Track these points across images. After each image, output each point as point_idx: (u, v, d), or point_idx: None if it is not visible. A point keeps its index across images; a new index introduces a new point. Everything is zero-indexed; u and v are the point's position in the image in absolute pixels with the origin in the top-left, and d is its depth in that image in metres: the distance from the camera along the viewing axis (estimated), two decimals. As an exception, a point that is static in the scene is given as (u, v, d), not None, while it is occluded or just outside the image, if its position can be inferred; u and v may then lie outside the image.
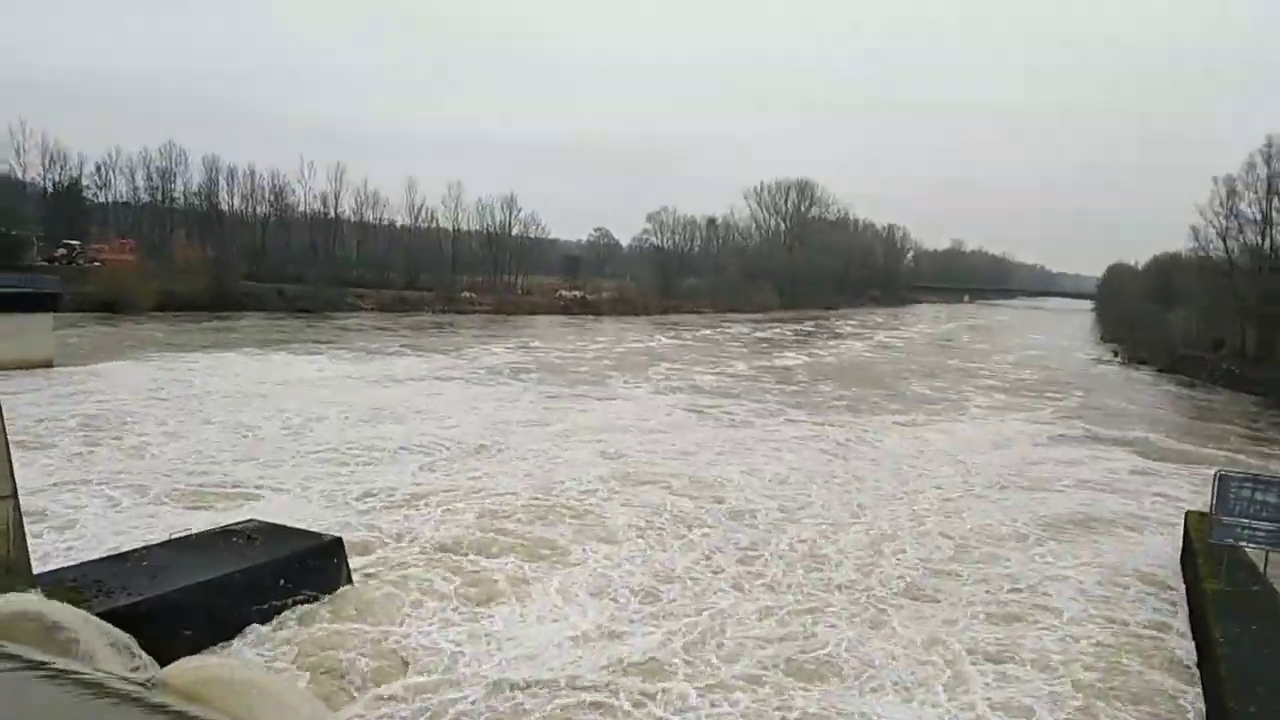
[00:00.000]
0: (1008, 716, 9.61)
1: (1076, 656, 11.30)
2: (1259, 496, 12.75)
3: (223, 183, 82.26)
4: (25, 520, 13.75)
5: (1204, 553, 13.34)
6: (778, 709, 9.47)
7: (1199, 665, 10.87)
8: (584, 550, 14.39)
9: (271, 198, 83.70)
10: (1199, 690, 10.32)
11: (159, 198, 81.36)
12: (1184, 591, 13.72)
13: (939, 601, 13.07)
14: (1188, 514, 15.96)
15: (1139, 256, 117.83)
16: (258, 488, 16.86)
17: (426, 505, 16.14)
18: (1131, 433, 30.89)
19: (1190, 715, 9.77)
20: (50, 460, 17.96)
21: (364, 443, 21.23)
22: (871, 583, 13.77)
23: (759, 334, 68.75)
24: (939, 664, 10.80)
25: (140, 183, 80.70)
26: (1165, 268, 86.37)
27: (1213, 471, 13.67)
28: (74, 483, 16.38)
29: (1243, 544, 12.92)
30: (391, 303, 70.73)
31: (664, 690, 9.67)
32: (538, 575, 13.02)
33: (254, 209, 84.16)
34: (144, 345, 38.80)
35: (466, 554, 13.68)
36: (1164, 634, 12.16)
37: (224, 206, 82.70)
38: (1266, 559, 13.10)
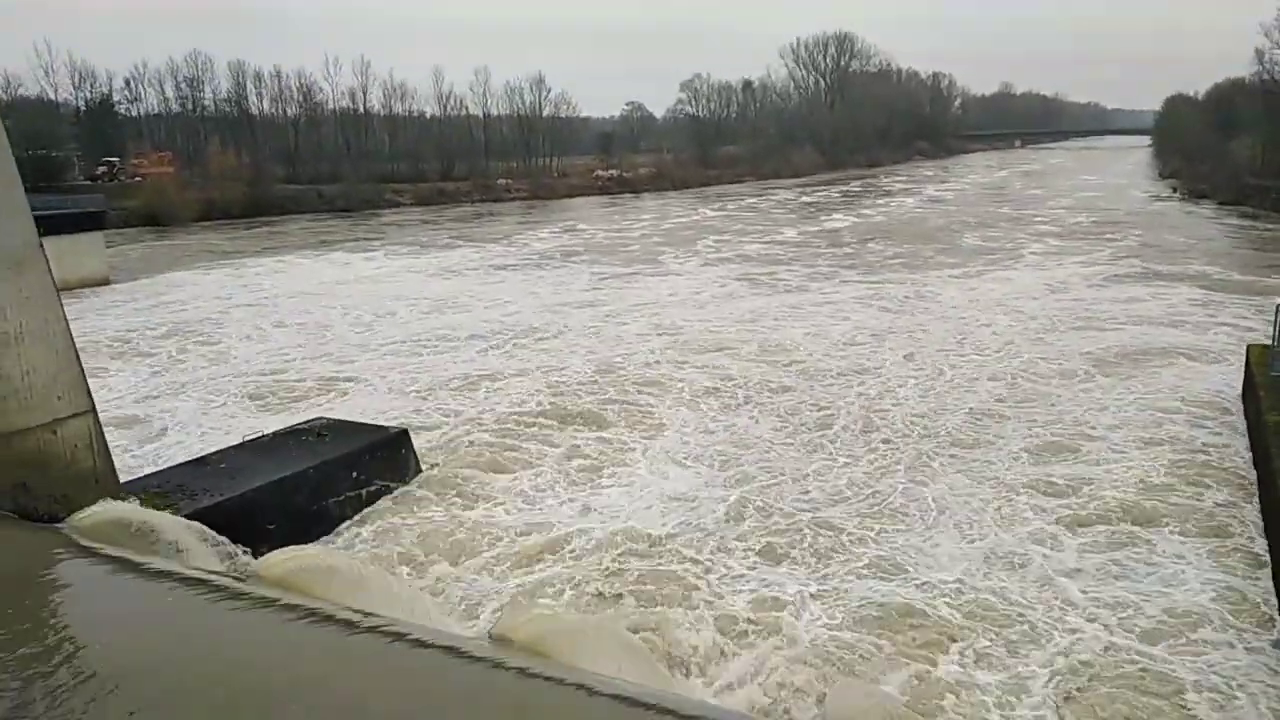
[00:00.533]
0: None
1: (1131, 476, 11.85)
2: (1323, 326, 12.47)
3: (250, 87, 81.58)
4: (128, 428, 14.71)
5: (1265, 385, 13.15)
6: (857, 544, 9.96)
7: (1260, 497, 10.87)
8: (664, 417, 15.02)
9: (300, 98, 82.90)
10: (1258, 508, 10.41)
11: (189, 107, 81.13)
12: (1245, 426, 13.63)
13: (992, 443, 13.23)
14: (1249, 347, 15.65)
15: (1200, 87, 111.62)
16: (346, 380, 17.87)
17: (498, 387, 16.87)
18: (1191, 268, 30.36)
19: (1256, 546, 9.83)
20: (145, 369, 19.14)
21: (433, 333, 22.22)
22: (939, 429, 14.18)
23: (805, 198, 67.52)
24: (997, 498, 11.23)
25: (170, 93, 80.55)
26: (1227, 95, 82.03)
27: (1276, 303, 13.34)
28: (170, 389, 17.48)
29: (1307, 375, 12.71)
30: (429, 195, 70.55)
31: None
32: (618, 445, 13.56)
33: (284, 111, 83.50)
34: (202, 254, 40.00)
35: (536, 428, 14.29)
36: (1224, 457, 12.21)
37: (254, 111, 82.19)
38: (1330, 389, 12.91)
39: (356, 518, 10.70)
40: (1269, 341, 13.32)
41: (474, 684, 4.93)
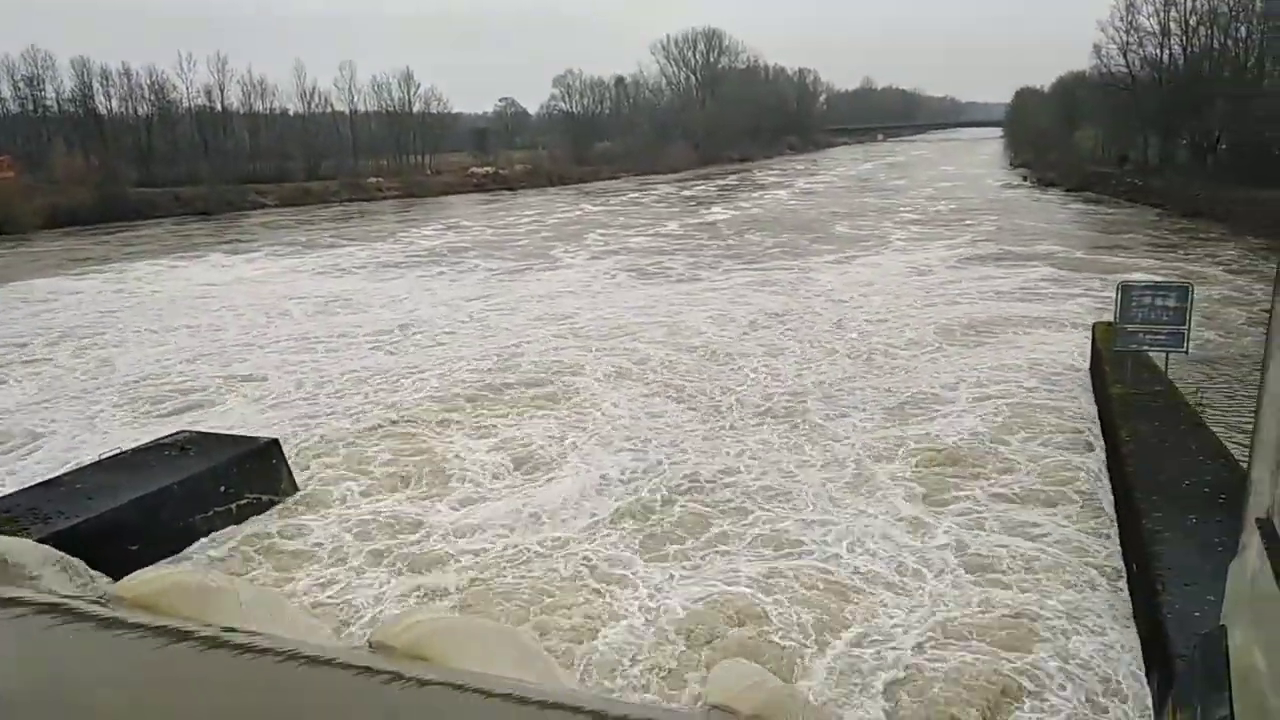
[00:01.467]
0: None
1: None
2: (1159, 302, 13.44)
3: (97, 85, 76.72)
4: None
5: (1110, 360, 14.10)
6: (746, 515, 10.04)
7: (1107, 462, 11.64)
8: (576, 403, 15.23)
9: (152, 96, 78.57)
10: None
11: (29, 107, 75.82)
12: (1092, 397, 14.57)
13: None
14: (1095, 325, 16.75)
15: (1046, 80, 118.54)
16: (242, 380, 17.32)
17: (395, 383, 16.62)
18: (1041, 248, 32.94)
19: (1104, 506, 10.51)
20: (16, 383, 17.82)
21: (330, 331, 21.68)
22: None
23: (684, 192, 68.48)
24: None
25: (6, 92, 75.10)
26: (1070, 88, 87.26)
27: (1118, 282, 14.28)
28: (49, 400, 16.41)
29: (1145, 349, 13.67)
30: (295, 195, 68.02)
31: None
32: (521, 440, 13.33)
33: (135, 110, 78.98)
34: (62, 262, 37.38)
35: (431, 424, 14.11)
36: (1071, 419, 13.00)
37: (102, 110, 77.48)
38: (1167, 360, 13.94)
39: (225, 533, 10.24)
40: (1113, 319, 14.23)
41: (349, 692, 4.80)
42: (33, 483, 10.59)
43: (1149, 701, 6.66)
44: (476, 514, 10.79)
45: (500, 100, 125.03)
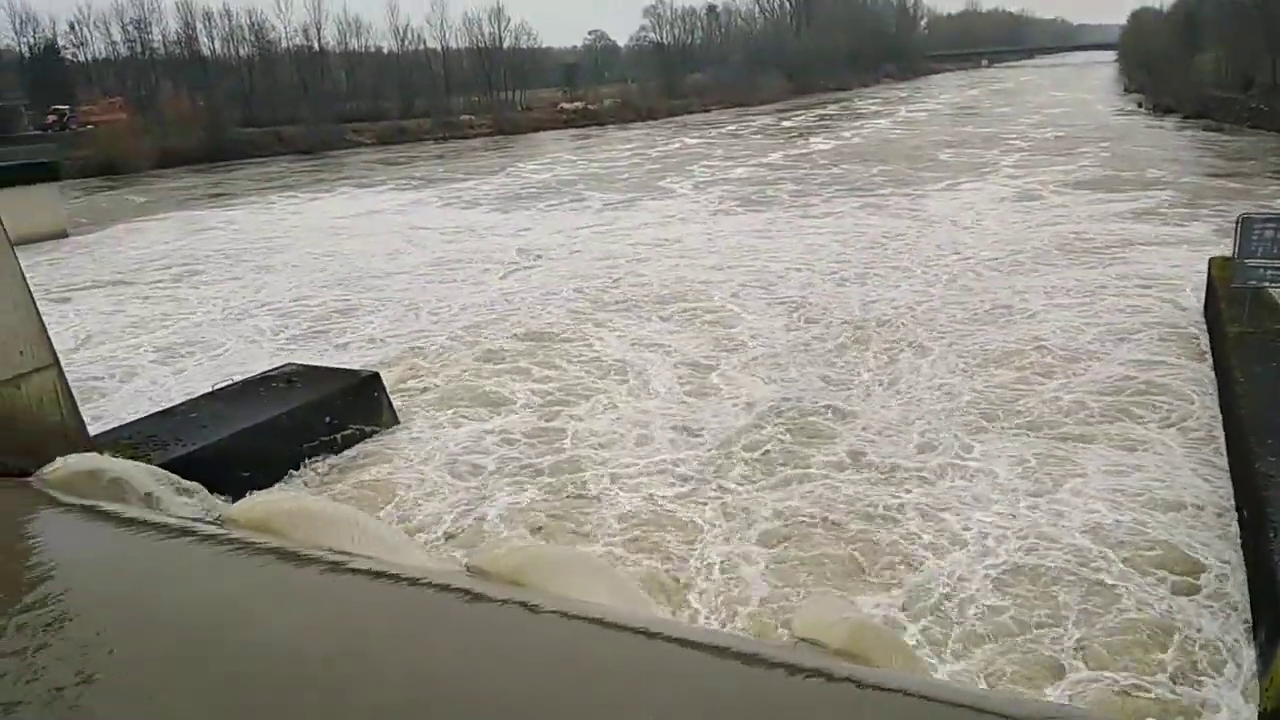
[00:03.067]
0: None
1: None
2: (1281, 236, 12.63)
3: (200, 27, 79.14)
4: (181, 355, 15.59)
5: (1227, 296, 13.37)
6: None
7: (1220, 405, 11.14)
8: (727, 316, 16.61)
9: (252, 37, 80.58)
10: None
11: (138, 50, 78.60)
12: (1207, 339, 13.90)
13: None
14: (1211, 260, 15.86)
15: (1165, 0, 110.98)
16: (384, 302, 19.24)
17: (513, 311, 17.75)
18: (1152, 177, 31.25)
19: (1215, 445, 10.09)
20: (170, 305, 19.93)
21: (467, 258, 23.64)
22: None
23: (784, 123, 67.78)
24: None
25: (117, 36, 77.98)
26: (1192, 7, 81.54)
27: (1238, 215, 13.47)
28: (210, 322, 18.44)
29: (1265, 285, 12.91)
30: (390, 134, 69.16)
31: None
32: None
33: (236, 51, 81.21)
34: (183, 199, 40.17)
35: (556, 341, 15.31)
36: (1183, 374, 12.43)
37: (205, 52, 79.79)
38: (1289, 298, 13.15)
39: (331, 462, 10.70)
40: (1228, 254, 13.46)
41: (450, 612, 5.02)
42: (149, 412, 11.20)
43: (1253, 654, 6.44)
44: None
45: (589, 33, 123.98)
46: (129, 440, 9.67)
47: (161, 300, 20.48)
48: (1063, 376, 12.71)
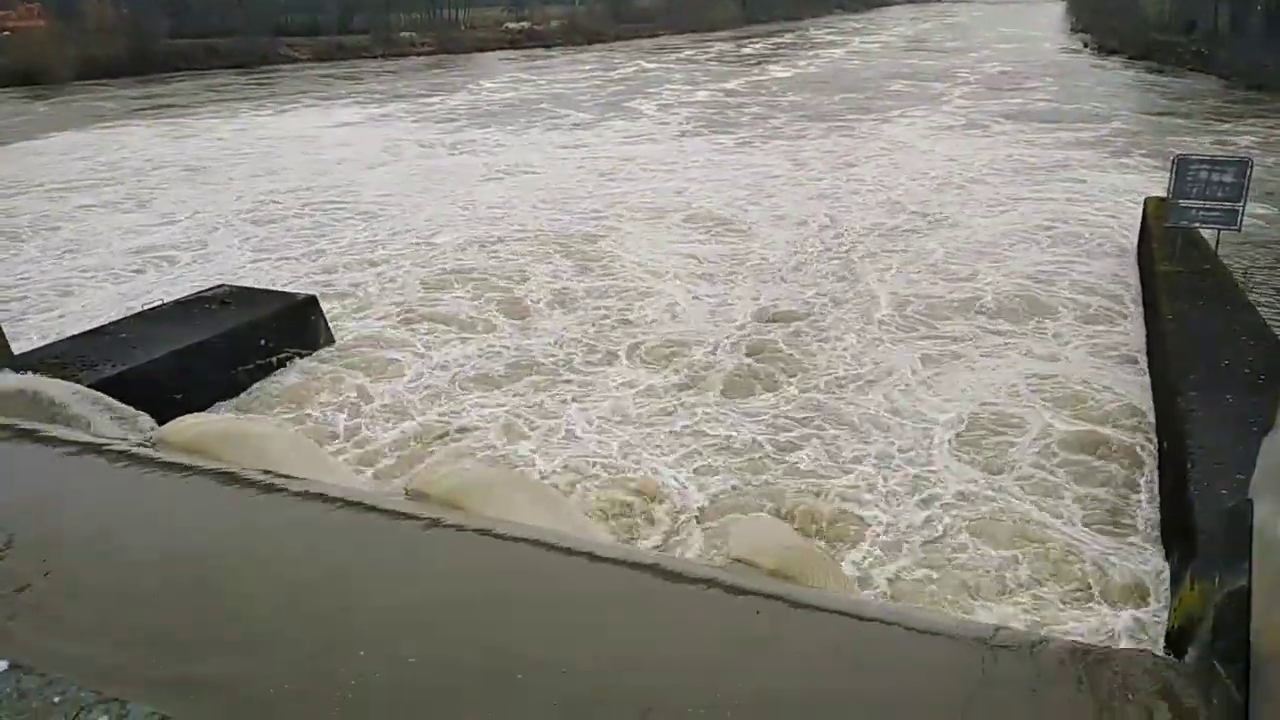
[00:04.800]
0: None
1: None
2: (1215, 178, 12.90)
3: (125, -73, 74.59)
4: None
5: (1159, 236, 13.71)
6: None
7: (1146, 341, 11.49)
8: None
9: (181, -59, 76.28)
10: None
11: (57, -48, 74.00)
12: (1138, 276, 14.26)
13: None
14: (1146, 199, 16.21)
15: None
16: (368, 216, 19.50)
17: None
18: (1092, 117, 32.09)
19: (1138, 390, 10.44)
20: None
21: (452, 172, 24.32)
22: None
23: (742, 50, 67.89)
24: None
25: (33, -65, 73.13)
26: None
27: (1172, 157, 13.73)
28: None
29: (1196, 225, 13.24)
30: (329, 50, 66.62)
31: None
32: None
33: (164, -44, 76.82)
34: (127, 111, 38.36)
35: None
36: (1115, 319, 12.79)
37: (131, -44, 75.42)
38: (1218, 239, 13.51)
39: (264, 385, 10.51)
40: (1165, 194, 13.75)
41: (387, 534, 5.00)
42: (76, 332, 10.84)
43: (1166, 578, 6.76)
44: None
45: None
46: (56, 359, 9.35)
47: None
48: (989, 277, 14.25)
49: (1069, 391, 10.05)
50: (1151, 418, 9.43)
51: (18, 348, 9.90)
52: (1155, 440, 8.97)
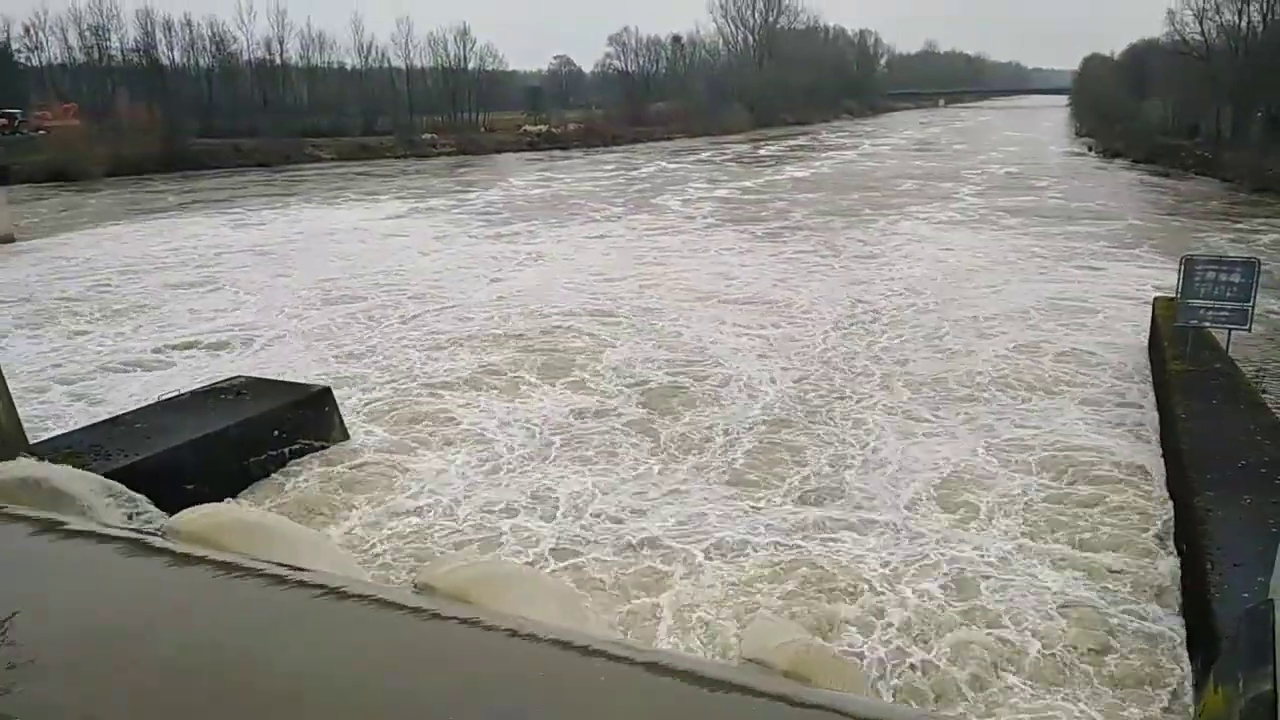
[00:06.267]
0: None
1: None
2: (1223, 278, 13.03)
3: (160, 35, 78.15)
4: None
5: (1169, 335, 13.75)
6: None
7: (1161, 441, 11.41)
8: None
9: (213, 48, 79.80)
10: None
11: (95, 56, 77.32)
12: (1150, 376, 14.24)
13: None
14: (1155, 299, 16.33)
15: (1115, 47, 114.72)
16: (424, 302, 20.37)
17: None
18: (1101, 215, 33.38)
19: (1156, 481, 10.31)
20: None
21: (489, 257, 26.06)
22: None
23: (759, 152, 70.52)
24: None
25: (74, 41, 76.70)
26: (1141, 56, 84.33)
27: (1181, 256, 13.88)
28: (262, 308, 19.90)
29: (1206, 325, 13.30)
30: (352, 150, 68.74)
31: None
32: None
33: (196, 61, 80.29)
34: (146, 209, 39.21)
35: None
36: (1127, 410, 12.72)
37: (164, 61, 78.76)
38: (1229, 338, 13.55)
39: (278, 476, 10.52)
40: (1174, 294, 13.85)
41: (398, 629, 4.94)
42: (93, 421, 10.94)
43: (1189, 684, 6.56)
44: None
45: (555, 58, 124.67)
46: (70, 449, 9.41)
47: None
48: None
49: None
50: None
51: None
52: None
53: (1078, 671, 6.67)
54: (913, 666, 6.70)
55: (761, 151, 70.68)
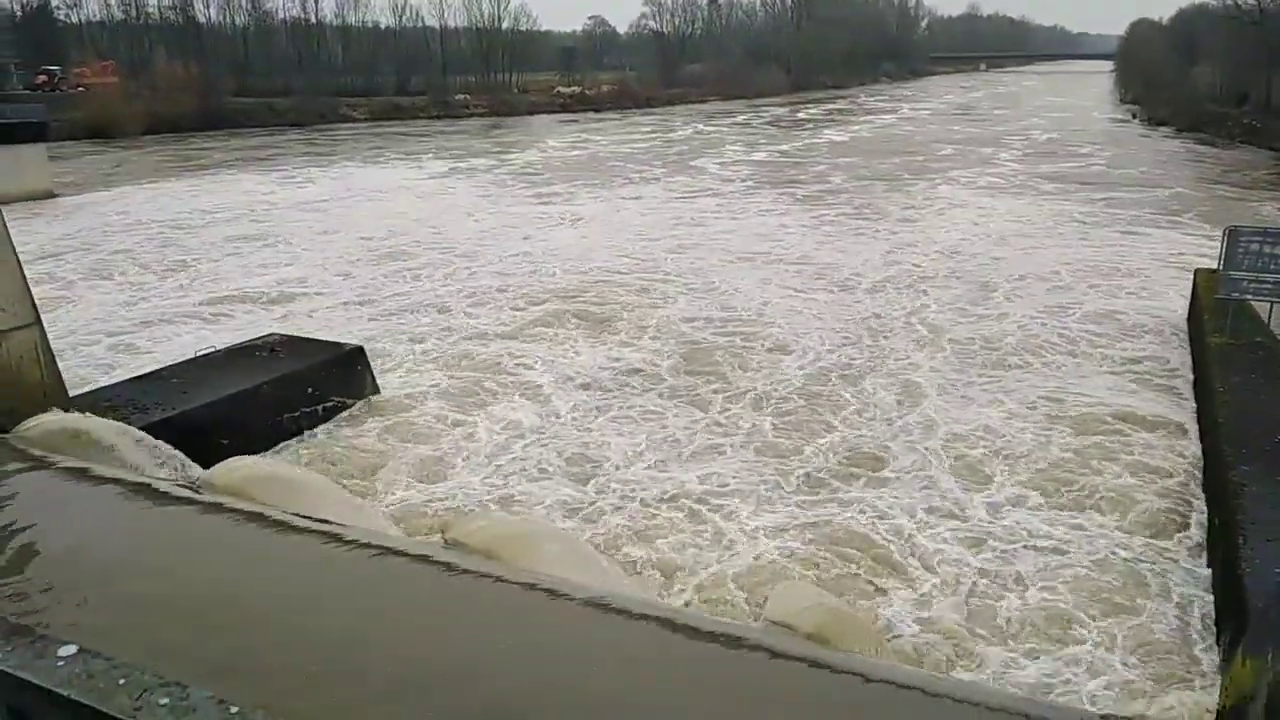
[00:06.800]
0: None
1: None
2: (1267, 250, 12.70)
3: (196, -8, 78.23)
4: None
5: (1210, 308, 13.48)
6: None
7: (1198, 415, 11.24)
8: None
9: (249, 6, 79.86)
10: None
11: (133, 14, 77.74)
12: (1189, 349, 13.99)
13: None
14: (1196, 271, 15.99)
15: (1165, 12, 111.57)
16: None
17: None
18: (1144, 184, 32.82)
19: (1187, 457, 10.18)
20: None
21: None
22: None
23: (797, 115, 69.93)
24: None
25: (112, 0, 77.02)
26: (1191, 20, 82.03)
27: (1224, 228, 13.56)
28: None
29: (1248, 298, 13.01)
30: (385, 110, 68.74)
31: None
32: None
33: (232, 19, 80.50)
34: (188, 165, 39.66)
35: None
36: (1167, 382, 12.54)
37: (201, 19, 79.02)
38: (1271, 311, 13.24)
39: (311, 433, 10.66)
40: (1217, 265, 13.56)
41: (427, 582, 5.04)
42: (132, 375, 11.13)
43: (1216, 656, 6.52)
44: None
45: (589, 19, 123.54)
46: (109, 402, 9.59)
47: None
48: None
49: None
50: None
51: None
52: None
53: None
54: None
55: (799, 115, 69.95)
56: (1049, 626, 6.88)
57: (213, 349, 12.18)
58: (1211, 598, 7.27)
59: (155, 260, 20.37)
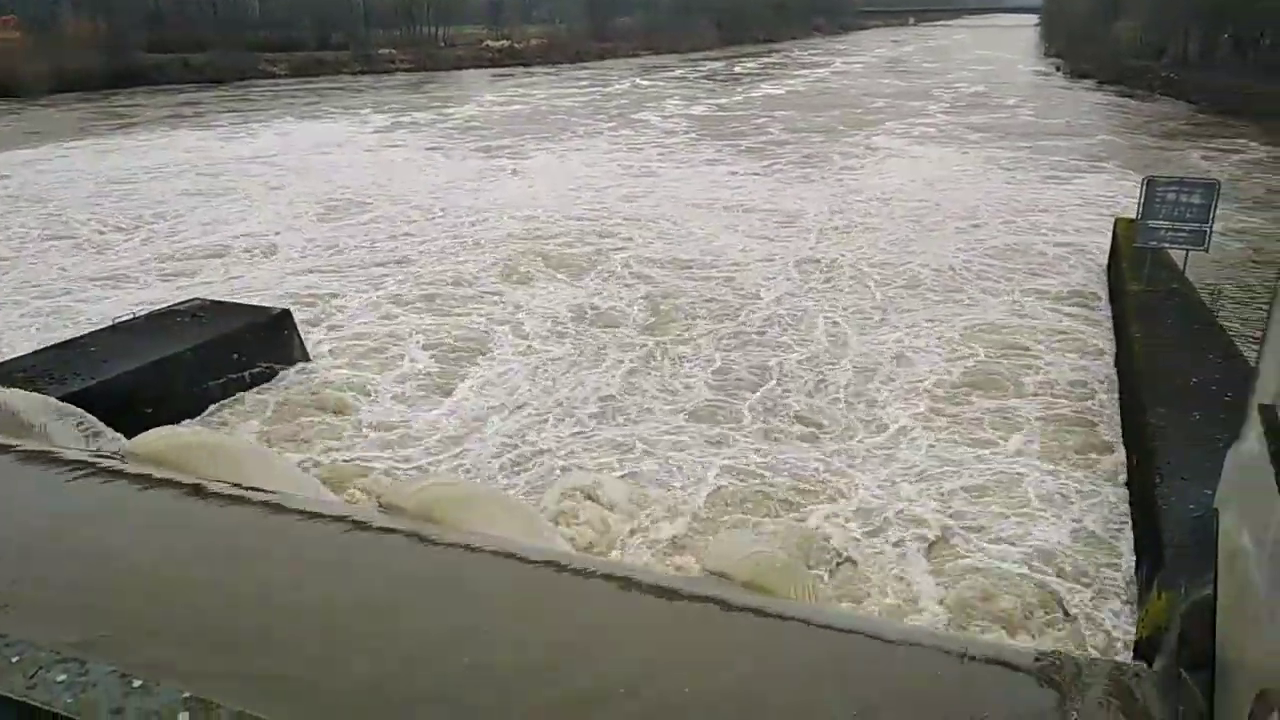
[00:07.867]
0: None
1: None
2: (1184, 199, 13.12)
3: (102, -57, 74.21)
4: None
5: (1129, 256, 13.90)
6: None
7: (1116, 360, 11.63)
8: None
9: (159, -43, 76.14)
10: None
11: (34, -35, 73.48)
12: (1107, 297, 14.45)
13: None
14: (1116, 220, 16.46)
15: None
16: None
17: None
18: (1068, 133, 33.98)
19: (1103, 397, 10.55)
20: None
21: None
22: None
23: (734, 69, 70.18)
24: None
25: (10, -49, 72.64)
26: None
27: (1142, 178, 13.94)
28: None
29: (1165, 245, 13.44)
30: (307, 66, 66.52)
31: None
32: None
33: (142, -29, 76.57)
34: (108, 123, 37.87)
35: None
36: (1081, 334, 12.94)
37: (107, -30, 75.05)
38: (1186, 259, 13.71)
39: (236, 399, 10.40)
40: (1135, 214, 13.94)
41: (361, 547, 4.97)
42: (47, 344, 10.70)
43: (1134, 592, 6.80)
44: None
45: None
46: (24, 373, 9.22)
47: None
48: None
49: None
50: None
51: None
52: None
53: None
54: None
55: (735, 69, 70.10)
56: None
57: (132, 315, 11.77)
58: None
59: (110, 217, 19.88)
